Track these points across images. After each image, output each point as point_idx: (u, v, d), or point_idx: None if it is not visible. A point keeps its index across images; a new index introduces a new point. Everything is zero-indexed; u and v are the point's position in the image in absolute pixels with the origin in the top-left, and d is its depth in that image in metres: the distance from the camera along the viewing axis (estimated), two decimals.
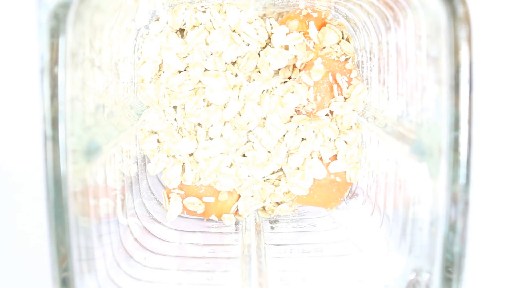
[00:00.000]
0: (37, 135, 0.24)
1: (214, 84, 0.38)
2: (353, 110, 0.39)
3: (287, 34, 0.39)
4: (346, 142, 0.40)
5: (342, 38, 0.40)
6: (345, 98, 0.39)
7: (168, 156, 0.40)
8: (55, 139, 0.24)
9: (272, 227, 0.40)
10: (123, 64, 0.36)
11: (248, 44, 0.38)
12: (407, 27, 0.30)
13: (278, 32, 0.39)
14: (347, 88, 0.39)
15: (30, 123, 0.41)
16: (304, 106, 0.39)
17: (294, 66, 0.40)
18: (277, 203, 0.41)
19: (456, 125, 0.24)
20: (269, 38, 0.39)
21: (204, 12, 0.39)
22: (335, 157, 0.40)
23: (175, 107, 0.39)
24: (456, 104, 0.24)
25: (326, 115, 0.40)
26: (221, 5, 0.39)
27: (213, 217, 0.41)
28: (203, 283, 0.32)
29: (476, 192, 0.25)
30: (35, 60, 0.23)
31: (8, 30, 0.41)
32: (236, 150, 0.39)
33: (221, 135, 0.39)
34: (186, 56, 0.39)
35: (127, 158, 0.37)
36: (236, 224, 0.41)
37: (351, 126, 0.40)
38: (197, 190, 0.40)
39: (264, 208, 0.42)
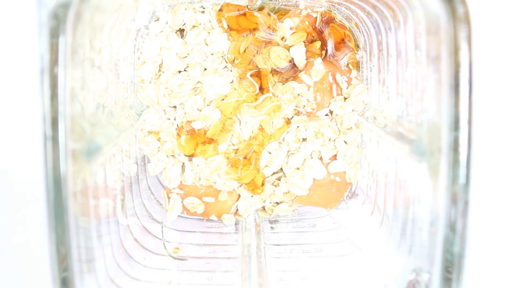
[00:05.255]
0: (37, 135, 0.24)
1: (213, 80, 0.38)
2: (353, 110, 0.39)
3: (291, 28, 0.39)
4: (346, 142, 0.40)
5: None
6: (345, 98, 0.39)
7: (168, 156, 0.40)
8: (55, 139, 0.24)
9: (272, 227, 0.40)
10: (123, 64, 0.36)
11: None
12: (407, 27, 0.30)
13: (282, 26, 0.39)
14: (347, 88, 0.39)
15: (30, 123, 0.41)
16: (304, 106, 0.39)
17: (294, 65, 0.40)
18: (277, 203, 0.41)
19: (456, 125, 0.24)
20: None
21: (203, 12, 0.39)
22: (335, 157, 0.40)
23: (175, 107, 0.39)
24: (456, 104, 0.24)
25: (326, 115, 0.40)
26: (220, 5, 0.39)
27: (213, 217, 0.41)
28: (203, 283, 0.32)
29: (476, 192, 0.25)
30: (35, 60, 0.23)
31: (8, 30, 0.41)
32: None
33: None
34: (186, 56, 0.39)
35: (127, 158, 0.37)
36: (236, 224, 0.41)
37: (351, 126, 0.40)
38: (197, 190, 0.40)
39: (264, 208, 0.42)
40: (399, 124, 0.32)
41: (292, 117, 0.39)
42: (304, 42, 0.39)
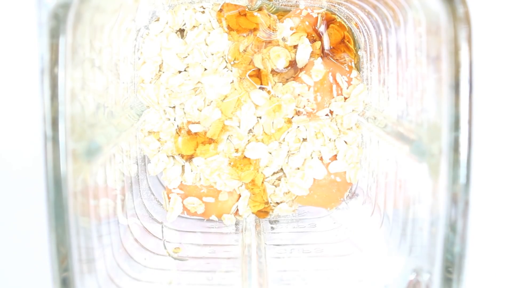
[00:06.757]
0: (37, 135, 0.24)
1: (213, 80, 0.38)
2: (353, 110, 0.39)
3: (291, 28, 0.39)
4: (346, 142, 0.40)
5: None
6: (345, 98, 0.39)
7: (168, 156, 0.40)
8: (55, 139, 0.24)
9: (272, 227, 0.40)
10: (123, 64, 0.36)
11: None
12: (407, 27, 0.30)
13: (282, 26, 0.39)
14: (347, 88, 0.39)
15: (30, 123, 0.41)
16: (304, 106, 0.39)
17: (294, 65, 0.40)
18: (277, 203, 0.41)
19: (456, 125, 0.24)
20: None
21: (203, 12, 0.39)
22: (335, 157, 0.40)
23: (174, 107, 0.39)
24: (456, 104, 0.24)
25: (326, 115, 0.40)
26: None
27: (213, 217, 0.41)
28: (203, 283, 0.32)
29: (476, 192, 0.25)
30: (35, 60, 0.23)
31: (8, 30, 0.41)
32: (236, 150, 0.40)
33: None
34: (186, 56, 0.39)
35: (127, 158, 0.37)
36: (236, 224, 0.41)
37: (351, 126, 0.40)
38: (197, 190, 0.40)
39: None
40: (399, 124, 0.32)
41: (292, 117, 0.39)
42: None
